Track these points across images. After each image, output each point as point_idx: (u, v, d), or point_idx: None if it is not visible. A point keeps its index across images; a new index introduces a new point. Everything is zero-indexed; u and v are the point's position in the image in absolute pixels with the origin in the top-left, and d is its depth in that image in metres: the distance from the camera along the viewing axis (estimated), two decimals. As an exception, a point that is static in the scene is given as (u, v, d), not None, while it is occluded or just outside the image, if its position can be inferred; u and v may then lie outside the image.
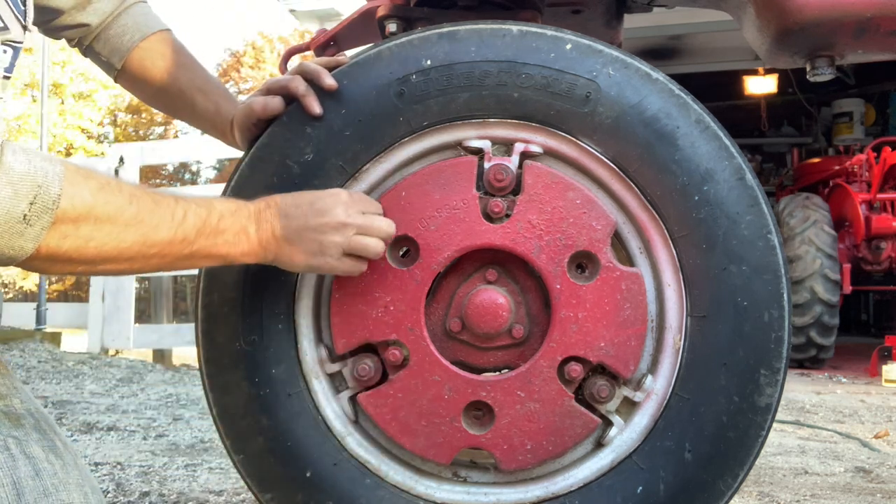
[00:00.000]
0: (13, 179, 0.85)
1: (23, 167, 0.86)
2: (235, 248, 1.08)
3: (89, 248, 0.92)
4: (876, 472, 2.67)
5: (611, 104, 1.19)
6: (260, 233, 1.09)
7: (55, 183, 0.88)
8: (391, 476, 1.24)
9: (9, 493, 0.94)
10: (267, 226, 1.10)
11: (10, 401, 1.07)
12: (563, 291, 1.19)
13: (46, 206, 0.87)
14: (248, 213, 1.09)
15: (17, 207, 0.85)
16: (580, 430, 1.20)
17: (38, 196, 0.87)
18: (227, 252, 1.07)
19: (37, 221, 0.87)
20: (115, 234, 0.94)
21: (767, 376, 1.16)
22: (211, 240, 1.04)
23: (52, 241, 0.89)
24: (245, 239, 1.08)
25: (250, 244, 1.09)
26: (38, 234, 0.88)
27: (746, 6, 1.42)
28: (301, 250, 1.11)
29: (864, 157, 6.70)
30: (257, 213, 1.10)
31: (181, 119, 1.51)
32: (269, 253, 1.11)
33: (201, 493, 2.17)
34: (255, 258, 1.11)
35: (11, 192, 0.85)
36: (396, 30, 1.54)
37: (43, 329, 6.26)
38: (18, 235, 0.87)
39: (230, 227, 1.06)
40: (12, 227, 0.86)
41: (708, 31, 7.10)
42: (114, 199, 0.94)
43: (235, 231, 1.07)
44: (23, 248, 0.88)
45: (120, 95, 19.86)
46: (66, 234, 0.90)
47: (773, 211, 2.71)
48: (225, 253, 1.07)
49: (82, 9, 1.40)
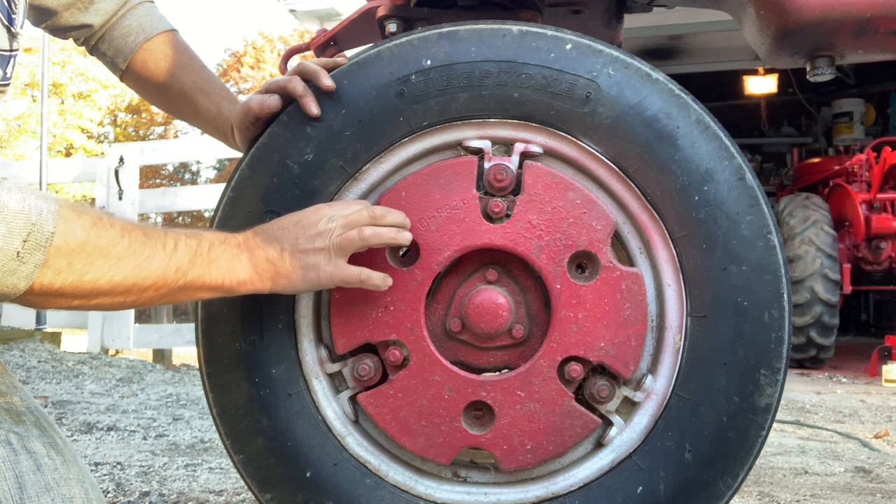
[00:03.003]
0: (7, 217, 0.86)
1: (17, 205, 0.87)
2: (230, 276, 1.07)
3: (84, 283, 0.93)
4: (876, 472, 2.67)
5: (611, 104, 1.19)
6: (254, 260, 1.09)
7: (49, 221, 0.89)
8: (391, 476, 1.24)
9: (11, 487, 0.94)
10: (259, 252, 1.09)
11: (11, 398, 1.07)
12: (563, 291, 1.19)
13: (40, 244, 0.88)
14: (238, 243, 1.09)
15: (10, 245, 0.86)
16: (580, 430, 1.20)
17: (31, 234, 0.88)
18: (221, 281, 1.06)
19: (30, 259, 0.88)
20: (108, 268, 0.94)
21: (767, 376, 1.16)
22: (204, 268, 1.04)
23: (45, 278, 0.90)
24: (239, 266, 1.07)
25: (245, 272, 1.08)
26: (32, 271, 0.89)
27: (746, 6, 1.42)
28: (297, 268, 1.10)
29: (864, 157, 6.70)
30: (246, 241, 1.09)
31: (184, 120, 1.51)
32: (266, 280, 1.10)
33: (201, 493, 2.17)
34: (252, 286, 1.10)
35: (6, 229, 0.86)
36: (396, 30, 1.54)
37: (43, 329, 6.25)
38: (11, 273, 0.88)
39: (221, 255, 1.06)
40: (6, 264, 0.87)
41: (708, 31, 7.11)
42: (106, 234, 0.95)
43: (228, 259, 1.07)
44: (16, 286, 0.89)
45: (120, 95, 19.84)
46: (60, 270, 0.91)
47: (773, 211, 2.71)
48: (220, 282, 1.06)
49: (84, 9, 1.40)
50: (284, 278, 1.10)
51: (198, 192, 7.45)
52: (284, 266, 1.10)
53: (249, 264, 1.08)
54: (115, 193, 6.08)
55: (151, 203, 6.47)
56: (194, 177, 23.60)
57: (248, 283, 1.09)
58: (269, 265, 1.09)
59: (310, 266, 1.11)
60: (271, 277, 1.10)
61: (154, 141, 17.30)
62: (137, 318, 7.14)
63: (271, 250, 1.10)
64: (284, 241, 1.10)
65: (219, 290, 1.08)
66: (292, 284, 1.12)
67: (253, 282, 1.09)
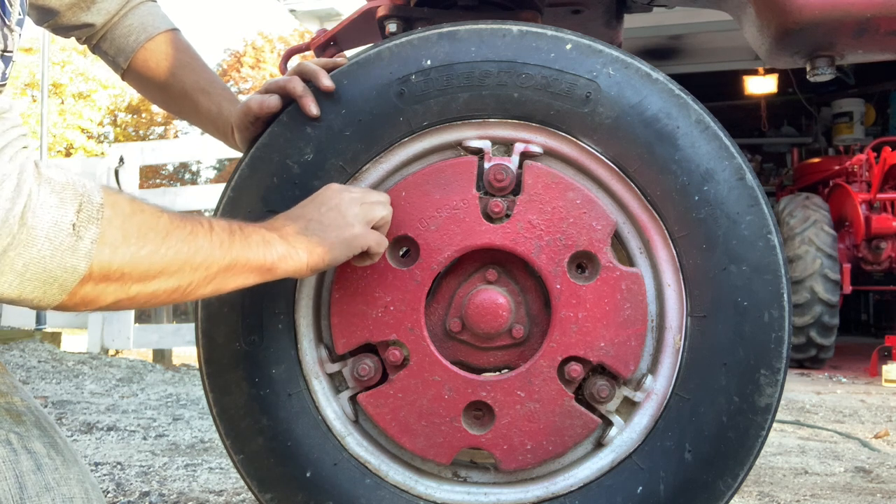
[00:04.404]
0: (56, 188, 0.80)
1: (62, 178, 0.82)
2: (269, 252, 1.01)
3: (141, 260, 0.86)
4: (876, 472, 2.67)
5: (611, 104, 1.19)
6: (284, 236, 1.04)
7: (95, 192, 0.83)
8: (391, 476, 1.24)
9: (11, 487, 0.95)
10: (287, 229, 1.06)
11: (11, 398, 1.07)
12: (563, 291, 1.19)
13: (92, 215, 0.81)
14: (261, 225, 1.06)
15: (65, 217, 0.79)
16: (580, 430, 1.20)
17: (83, 204, 0.81)
18: (263, 258, 1.00)
19: (86, 232, 0.80)
20: (160, 241, 0.88)
21: (767, 376, 1.16)
22: (244, 245, 0.99)
23: (104, 256, 0.82)
24: (274, 242, 1.03)
25: (283, 247, 1.03)
26: (90, 248, 0.81)
27: (746, 6, 1.43)
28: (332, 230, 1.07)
29: (864, 157, 6.70)
30: (269, 224, 1.07)
31: (184, 119, 1.52)
32: (302, 252, 1.04)
33: (201, 493, 2.17)
34: (292, 262, 1.04)
35: (57, 200, 0.79)
36: (396, 30, 1.54)
37: (43, 329, 6.25)
38: (71, 251, 0.79)
39: (253, 234, 1.02)
40: (63, 241, 0.79)
41: (708, 31, 7.10)
42: (147, 208, 0.90)
43: (260, 238, 1.02)
44: (76, 268, 0.80)
45: (120, 95, 19.85)
46: (116, 246, 0.83)
47: (773, 211, 2.72)
48: (262, 259, 1.00)
49: (86, 9, 1.40)
50: (319, 245, 1.06)
51: (198, 192, 7.44)
52: (317, 234, 1.07)
53: (282, 241, 1.04)
54: (115, 193, 6.07)
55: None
56: (194, 177, 23.60)
57: (288, 259, 1.04)
58: (302, 237, 1.06)
59: (342, 226, 1.08)
60: (307, 248, 1.05)
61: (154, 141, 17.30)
62: (137, 318, 7.13)
63: (299, 225, 1.07)
64: (309, 214, 1.09)
65: (262, 270, 1.02)
66: (330, 249, 1.07)
67: (291, 256, 1.04)
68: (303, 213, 1.10)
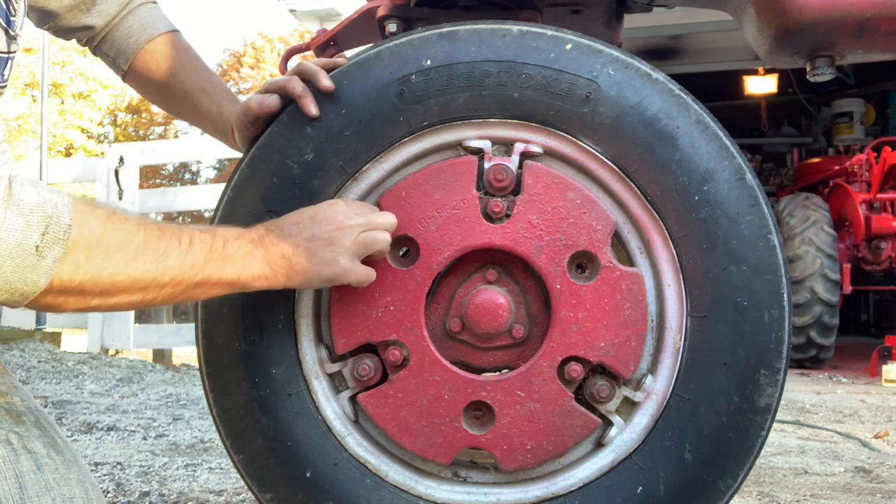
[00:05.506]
0: (24, 211, 0.85)
1: (33, 199, 0.86)
2: (245, 272, 1.05)
3: (102, 279, 0.91)
4: (876, 472, 2.67)
5: (611, 104, 1.19)
6: (268, 256, 1.07)
7: (65, 213, 0.87)
8: (391, 476, 1.24)
9: (11, 487, 0.95)
10: (274, 248, 1.08)
11: (11, 398, 1.07)
12: (563, 291, 1.19)
13: (58, 237, 0.86)
14: (251, 239, 1.08)
15: (29, 239, 0.84)
16: (580, 430, 1.20)
17: (49, 226, 0.86)
18: (237, 276, 1.05)
19: (49, 252, 0.86)
20: (126, 263, 0.92)
21: (767, 376, 1.16)
22: (220, 264, 1.03)
23: (64, 273, 0.88)
24: (254, 262, 1.06)
25: (260, 268, 1.07)
26: (51, 266, 0.86)
27: (746, 6, 1.43)
28: (314, 263, 1.09)
29: (864, 157, 6.70)
30: (259, 238, 1.08)
31: (185, 119, 1.52)
32: (280, 276, 1.09)
33: (201, 493, 2.17)
34: (267, 282, 1.08)
35: (23, 223, 0.84)
36: (396, 30, 1.54)
37: (43, 329, 6.24)
38: (31, 269, 0.85)
39: (236, 251, 1.05)
40: (25, 259, 0.84)
41: (708, 31, 7.11)
42: (122, 227, 0.93)
43: (242, 255, 1.05)
44: (36, 283, 0.87)
45: (120, 95, 19.85)
46: (79, 265, 0.89)
47: (773, 211, 2.71)
48: (236, 277, 1.05)
49: (87, 11, 1.40)
50: (299, 274, 1.10)
51: (198, 191, 7.45)
52: (300, 262, 1.09)
53: (264, 260, 1.07)
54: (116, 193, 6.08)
55: (151, 203, 6.47)
56: (194, 177, 23.61)
57: (263, 279, 1.08)
58: (284, 261, 1.08)
59: (327, 262, 1.10)
60: (286, 273, 1.09)
61: (154, 141, 17.30)
62: (137, 318, 7.14)
63: (286, 246, 1.09)
64: (300, 236, 1.10)
65: (234, 287, 1.06)
66: (307, 280, 1.11)
67: (267, 277, 1.08)
68: (297, 230, 1.10)
